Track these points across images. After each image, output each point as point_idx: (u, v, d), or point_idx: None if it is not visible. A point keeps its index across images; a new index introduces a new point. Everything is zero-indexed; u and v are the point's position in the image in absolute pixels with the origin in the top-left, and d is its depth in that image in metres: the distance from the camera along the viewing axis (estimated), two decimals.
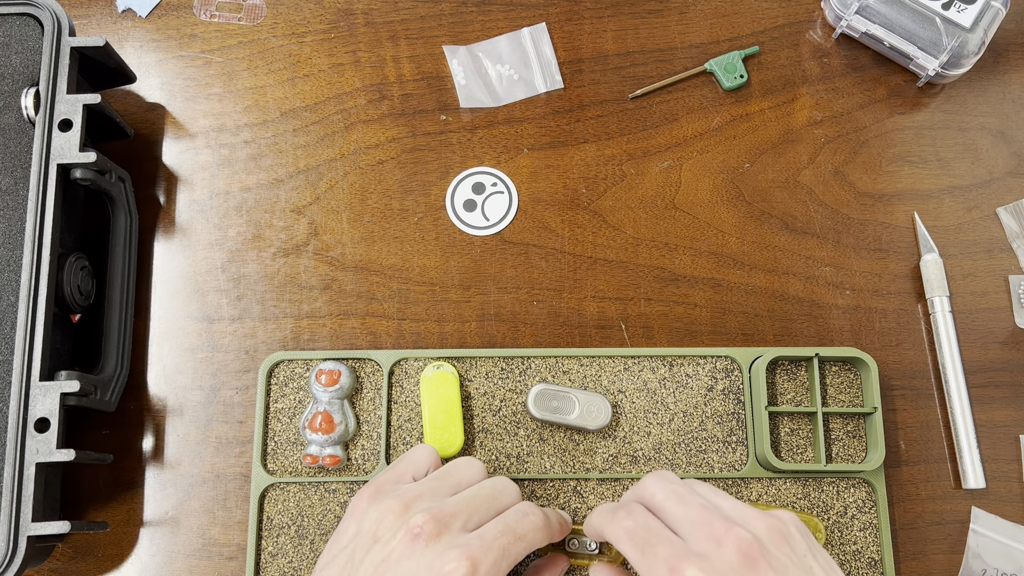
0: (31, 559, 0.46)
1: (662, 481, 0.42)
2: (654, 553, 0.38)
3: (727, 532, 0.38)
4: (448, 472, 0.46)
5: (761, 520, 0.39)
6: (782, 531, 0.39)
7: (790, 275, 0.58)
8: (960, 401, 0.54)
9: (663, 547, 0.38)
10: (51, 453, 0.47)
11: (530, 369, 0.55)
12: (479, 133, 0.60)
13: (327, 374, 0.53)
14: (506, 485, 0.45)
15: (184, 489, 0.54)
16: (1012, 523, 0.53)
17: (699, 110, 0.61)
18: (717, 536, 0.38)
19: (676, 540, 0.39)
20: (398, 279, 0.57)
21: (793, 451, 0.54)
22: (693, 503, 0.40)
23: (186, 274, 0.58)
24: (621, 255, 0.58)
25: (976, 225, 0.59)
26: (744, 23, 0.62)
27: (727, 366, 0.55)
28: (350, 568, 0.41)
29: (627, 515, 0.41)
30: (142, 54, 0.61)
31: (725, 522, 0.38)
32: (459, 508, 0.42)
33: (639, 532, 0.39)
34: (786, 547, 0.38)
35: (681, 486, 0.42)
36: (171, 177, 0.59)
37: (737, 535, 0.37)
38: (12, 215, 0.50)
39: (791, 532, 0.39)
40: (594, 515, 0.44)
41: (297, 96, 0.61)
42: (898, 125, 0.61)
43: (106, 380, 0.52)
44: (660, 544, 0.38)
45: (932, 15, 0.57)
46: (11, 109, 0.52)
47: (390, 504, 0.42)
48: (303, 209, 0.59)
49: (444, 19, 0.62)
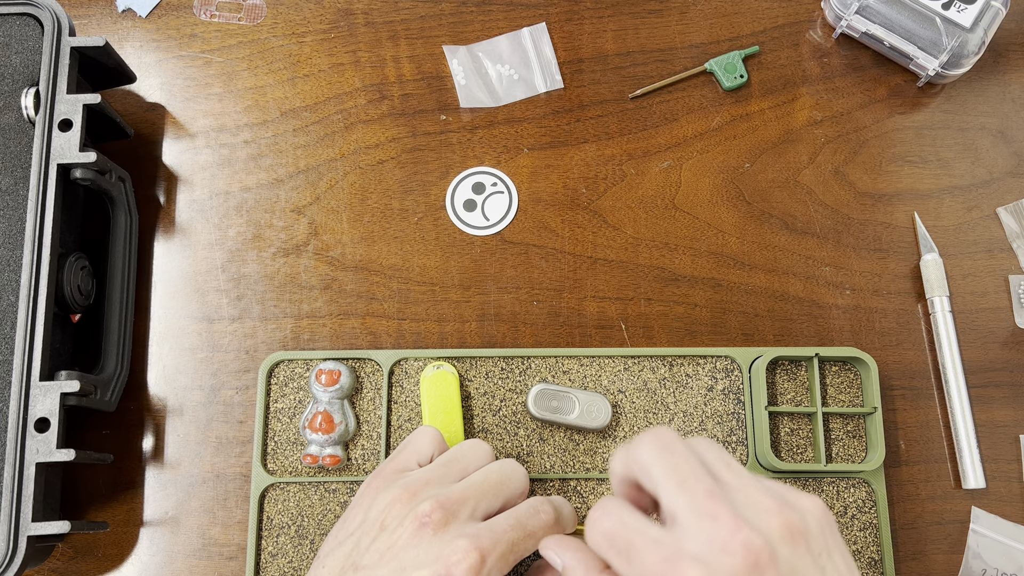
0: (31, 559, 0.46)
1: (660, 449, 0.36)
2: (641, 560, 0.33)
3: (734, 536, 0.32)
4: (455, 457, 0.45)
5: (776, 516, 0.34)
6: (799, 528, 0.34)
7: (790, 275, 0.58)
8: (960, 401, 0.54)
9: (651, 551, 0.33)
10: (51, 453, 0.47)
11: (530, 369, 0.55)
12: (479, 133, 0.60)
13: (327, 374, 0.53)
14: (514, 469, 0.45)
15: (184, 489, 0.54)
16: (1012, 523, 0.53)
17: (699, 110, 0.61)
18: (722, 539, 0.32)
19: (664, 539, 0.33)
20: (398, 279, 0.57)
21: (793, 451, 0.54)
22: (699, 489, 0.34)
23: (186, 274, 0.58)
24: (621, 255, 0.58)
25: (976, 225, 0.59)
26: (744, 23, 0.62)
27: (727, 366, 0.55)
28: (355, 555, 0.41)
29: (602, 514, 0.35)
30: (142, 54, 0.61)
31: (734, 520, 0.33)
32: (467, 495, 0.42)
33: (620, 535, 0.35)
34: (800, 547, 0.33)
35: (684, 458, 0.35)
36: (171, 177, 0.59)
37: (745, 541, 0.32)
38: (12, 215, 0.50)
39: (809, 528, 0.34)
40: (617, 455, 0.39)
41: (297, 96, 0.61)
42: (898, 125, 0.61)
43: (106, 380, 0.52)
44: (647, 548, 0.33)
45: (932, 15, 0.57)
46: (11, 109, 0.52)
47: (397, 492, 0.42)
48: (303, 209, 0.59)
49: (444, 19, 0.62)
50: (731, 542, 0.32)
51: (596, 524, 0.35)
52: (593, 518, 0.36)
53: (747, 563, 0.32)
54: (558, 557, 0.39)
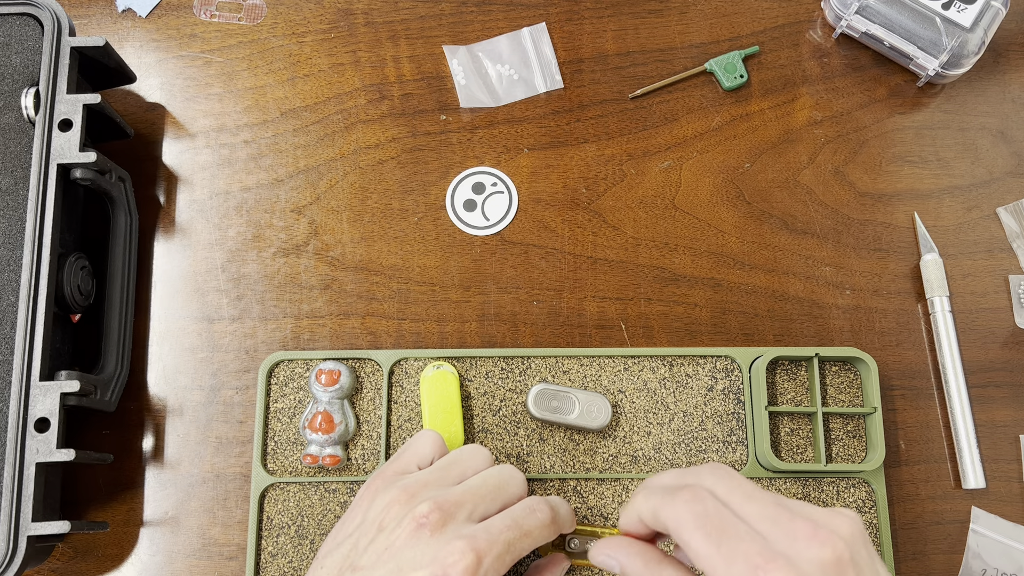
0: (31, 559, 0.46)
1: (724, 475, 0.37)
2: (733, 548, 0.34)
3: (815, 533, 0.34)
4: (454, 461, 0.45)
5: (842, 520, 0.35)
6: (862, 533, 0.35)
7: (790, 275, 0.58)
8: (960, 401, 0.54)
9: (746, 543, 0.34)
10: (51, 453, 0.47)
11: (530, 369, 0.55)
12: (479, 133, 0.60)
13: (327, 374, 0.53)
14: (512, 474, 0.45)
15: (184, 489, 0.54)
16: (1012, 523, 0.53)
17: (699, 110, 0.61)
18: (804, 537, 0.34)
19: (758, 536, 0.34)
20: (398, 279, 0.57)
21: (793, 451, 0.54)
22: (767, 500, 0.35)
23: (186, 274, 0.58)
24: (621, 255, 0.58)
25: (976, 225, 0.59)
26: (744, 23, 0.62)
27: (727, 366, 0.55)
28: (354, 556, 0.41)
29: (694, 498, 0.36)
30: (142, 54, 0.61)
31: (809, 522, 0.34)
32: (465, 498, 0.42)
33: (713, 520, 0.35)
34: (864, 551, 0.35)
35: (746, 481, 0.37)
36: (171, 177, 0.59)
37: (827, 538, 0.33)
38: (12, 215, 0.50)
39: (865, 534, 0.36)
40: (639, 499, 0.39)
41: (297, 96, 0.61)
42: (898, 125, 0.61)
43: (106, 380, 0.52)
44: (741, 538, 0.34)
45: (932, 15, 0.57)
46: (11, 109, 0.52)
47: (395, 494, 0.42)
48: (303, 209, 0.59)
49: (444, 19, 0.62)
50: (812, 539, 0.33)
51: (686, 504, 0.35)
52: (681, 498, 0.36)
53: (834, 558, 0.33)
54: (612, 559, 0.40)
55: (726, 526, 0.34)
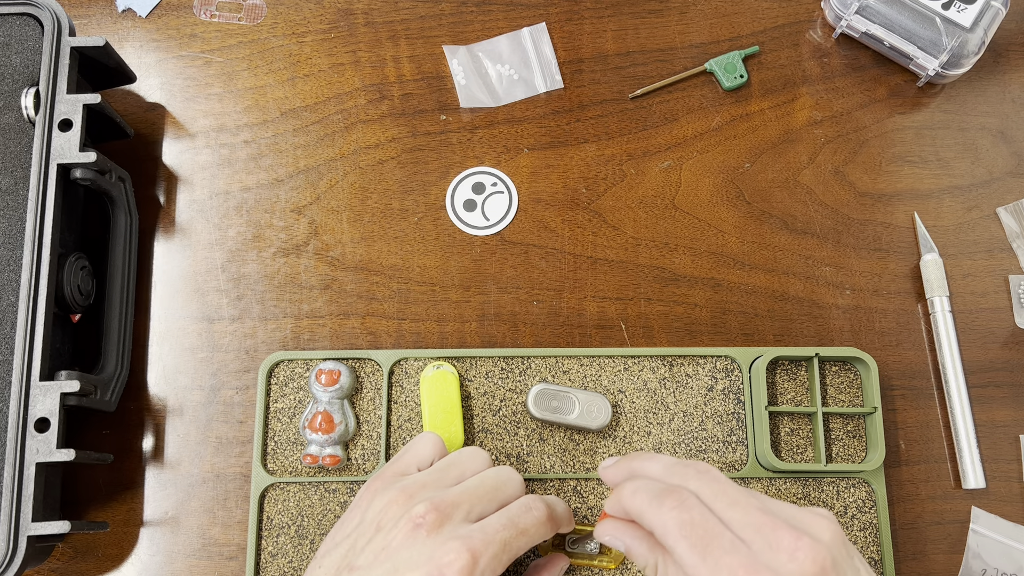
0: (31, 559, 0.46)
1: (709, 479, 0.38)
2: (717, 559, 0.35)
3: (797, 543, 0.34)
4: (452, 462, 0.46)
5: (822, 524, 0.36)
6: (840, 534, 0.36)
7: (790, 275, 0.58)
8: (960, 401, 0.54)
9: (730, 554, 0.35)
10: (51, 453, 0.47)
11: (530, 369, 0.55)
12: (479, 133, 0.60)
13: (327, 374, 0.53)
14: (510, 475, 0.45)
15: (184, 489, 0.54)
16: (1012, 523, 0.53)
17: (699, 110, 0.61)
18: (788, 547, 0.34)
19: (742, 547, 0.35)
20: (398, 279, 0.57)
21: (793, 451, 0.54)
22: (751, 506, 0.36)
23: (186, 274, 0.58)
24: (621, 255, 0.58)
25: (976, 225, 0.59)
26: (744, 23, 0.62)
27: (727, 366, 0.55)
28: (351, 556, 0.42)
29: (680, 505, 0.37)
30: (142, 54, 0.61)
31: (793, 531, 0.35)
32: (462, 498, 0.42)
33: (698, 529, 0.36)
34: (843, 551, 0.36)
35: (730, 485, 0.37)
36: (171, 177, 0.59)
37: (810, 547, 0.34)
38: (12, 215, 0.50)
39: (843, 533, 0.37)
40: (626, 493, 0.40)
41: (297, 96, 0.61)
42: (898, 125, 0.61)
43: (106, 380, 0.52)
44: (726, 550, 0.35)
45: (932, 15, 0.57)
46: (11, 109, 0.52)
47: (393, 494, 0.43)
48: (303, 209, 0.59)
49: (444, 19, 0.62)
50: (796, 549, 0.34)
51: (672, 511, 0.36)
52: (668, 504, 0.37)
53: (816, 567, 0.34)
54: (618, 540, 0.41)
55: (711, 536, 0.35)
